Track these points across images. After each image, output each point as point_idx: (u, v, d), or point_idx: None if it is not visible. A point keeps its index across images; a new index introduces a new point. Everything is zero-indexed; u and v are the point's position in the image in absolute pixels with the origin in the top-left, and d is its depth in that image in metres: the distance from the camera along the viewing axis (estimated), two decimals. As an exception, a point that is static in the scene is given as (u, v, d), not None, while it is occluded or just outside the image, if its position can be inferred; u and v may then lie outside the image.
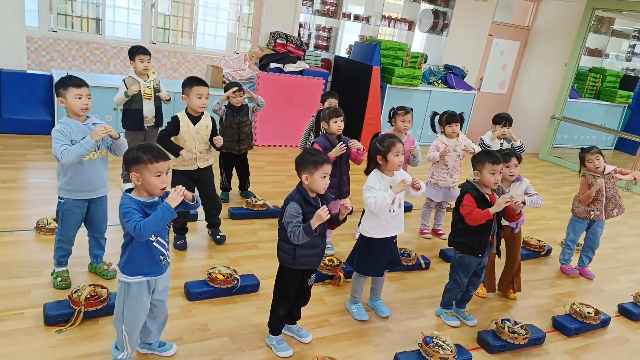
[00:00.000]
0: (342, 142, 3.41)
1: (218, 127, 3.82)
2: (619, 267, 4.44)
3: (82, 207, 2.81)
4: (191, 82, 3.35)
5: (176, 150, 3.32)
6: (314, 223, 2.25)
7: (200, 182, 3.52)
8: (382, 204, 2.68)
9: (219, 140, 3.46)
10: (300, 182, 2.41)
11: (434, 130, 4.31)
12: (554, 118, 8.15)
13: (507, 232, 3.41)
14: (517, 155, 3.31)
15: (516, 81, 9.09)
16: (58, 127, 2.66)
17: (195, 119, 3.40)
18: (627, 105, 9.61)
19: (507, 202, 2.76)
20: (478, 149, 3.96)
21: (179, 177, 3.40)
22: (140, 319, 2.22)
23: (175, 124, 3.35)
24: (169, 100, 4.22)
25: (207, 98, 3.38)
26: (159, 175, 2.07)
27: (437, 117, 4.25)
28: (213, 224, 3.73)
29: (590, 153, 3.83)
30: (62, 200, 2.78)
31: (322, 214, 2.22)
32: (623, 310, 3.60)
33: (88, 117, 2.76)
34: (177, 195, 2.04)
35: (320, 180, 2.35)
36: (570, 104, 8.29)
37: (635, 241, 5.13)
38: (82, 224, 2.92)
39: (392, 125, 4.05)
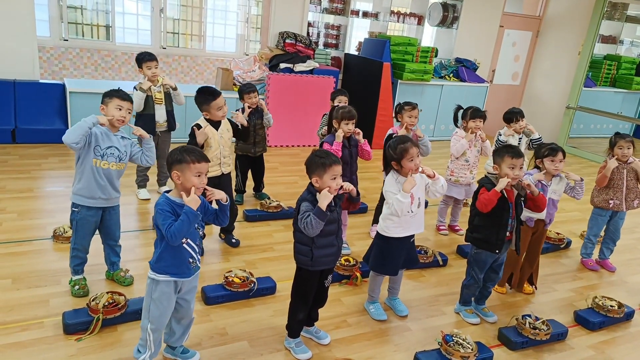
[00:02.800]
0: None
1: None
2: (641, 258, 4.34)
3: (96, 215, 2.83)
4: (207, 98, 3.32)
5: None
6: (322, 203, 2.25)
7: (220, 187, 3.47)
8: (399, 207, 2.65)
9: (240, 117, 3.49)
10: (311, 183, 2.39)
11: (456, 124, 4.25)
12: (569, 108, 8.01)
13: (540, 227, 3.37)
14: (564, 150, 3.26)
15: (529, 72, 8.94)
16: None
17: (216, 124, 3.41)
18: (644, 92, 9.41)
19: (512, 179, 2.73)
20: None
21: None
22: (166, 317, 2.25)
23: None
24: (175, 88, 4.18)
25: (225, 105, 3.40)
26: (199, 176, 2.13)
27: (460, 111, 4.20)
28: (227, 229, 3.73)
29: (625, 140, 3.71)
30: (76, 209, 2.79)
31: (327, 192, 2.26)
32: (648, 303, 3.52)
33: (119, 131, 2.84)
34: (194, 197, 2.10)
35: (330, 182, 2.33)
36: (585, 93, 8.13)
37: (658, 231, 5.01)
38: (97, 232, 2.94)
39: (398, 120, 4.00)
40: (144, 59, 4.06)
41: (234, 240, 3.71)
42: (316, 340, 2.72)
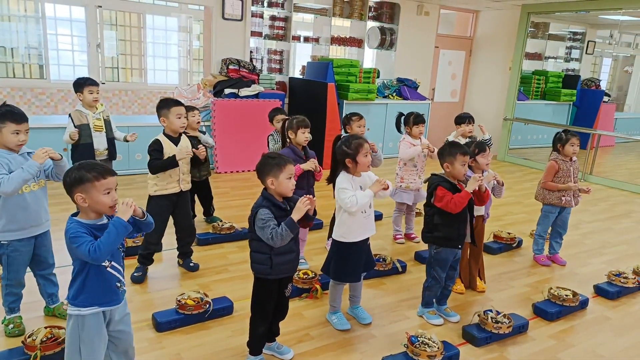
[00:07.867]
0: (314, 160, 3.40)
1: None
2: (587, 250, 4.51)
3: (29, 245, 2.60)
4: (169, 103, 3.25)
5: (173, 161, 3.20)
6: (296, 216, 2.21)
7: (178, 207, 3.38)
8: (362, 202, 2.64)
9: (201, 151, 3.48)
10: (264, 190, 2.32)
11: (399, 131, 4.32)
12: (507, 119, 8.41)
13: (479, 223, 3.41)
14: (489, 145, 3.50)
15: (466, 89, 9.38)
16: None
17: (175, 140, 3.29)
18: (571, 102, 10.07)
19: (480, 178, 2.80)
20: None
21: (158, 202, 3.26)
22: (101, 353, 2.00)
23: (158, 148, 3.22)
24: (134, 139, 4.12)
25: (185, 117, 3.32)
26: (108, 193, 1.91)
27: (402, 118, 4.27)
28: (185, 252, 3.55)
29: (576, 137, 3.88)
30: (5, 242, 2.55)
31: (302, 205, 2.22)
32: (599, 291, 3.63)
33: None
34: (126, 207, 1.88)
35: (286, 181, 2.28)
36: (519, 106, 8.60)
37: (599, 226, 5.25)
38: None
39: (346, 132, 4.04)
40: (87, 82, 3.88)
41: (192, 265, 3.53)
42: (279, 356, 2.59)
